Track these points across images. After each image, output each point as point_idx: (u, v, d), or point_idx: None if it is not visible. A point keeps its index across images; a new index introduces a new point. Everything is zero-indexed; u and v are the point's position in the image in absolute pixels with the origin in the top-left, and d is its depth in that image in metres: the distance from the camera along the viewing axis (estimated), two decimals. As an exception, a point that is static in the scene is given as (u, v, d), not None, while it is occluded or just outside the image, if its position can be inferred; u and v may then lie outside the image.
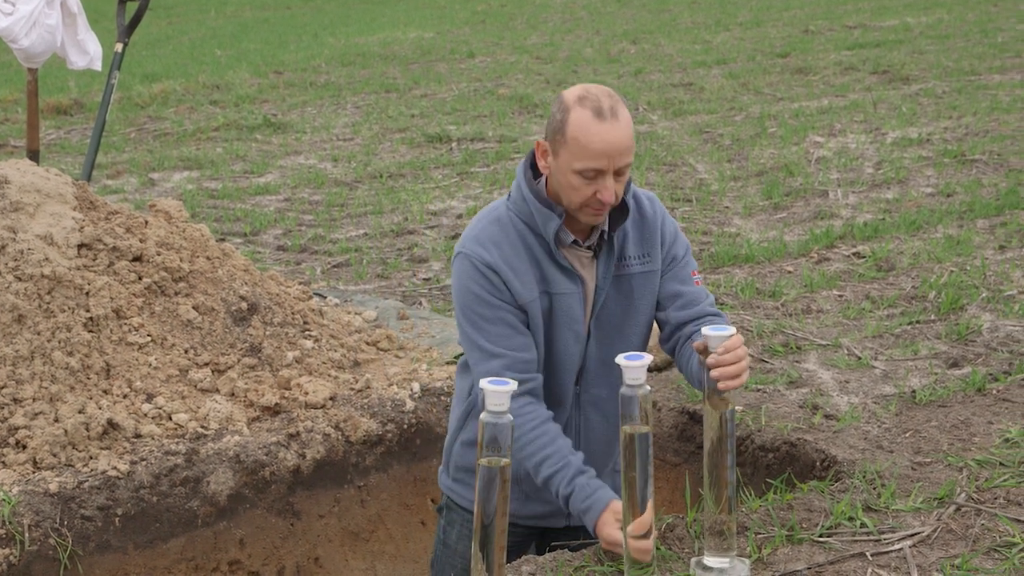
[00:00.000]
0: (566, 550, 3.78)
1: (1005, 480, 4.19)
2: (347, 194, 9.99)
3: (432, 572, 4.15)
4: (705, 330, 3.33)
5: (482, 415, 3.07)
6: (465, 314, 3.62)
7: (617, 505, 3.45)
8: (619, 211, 3.66)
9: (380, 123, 13.41)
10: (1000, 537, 3.78)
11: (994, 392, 5.08)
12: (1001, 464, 4.33)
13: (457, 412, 3.89)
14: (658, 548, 3.59)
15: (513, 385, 3.07)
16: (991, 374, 5.26)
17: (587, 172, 3.46)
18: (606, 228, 3.63)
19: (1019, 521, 3.89)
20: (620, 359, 3.21)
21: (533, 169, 3.66)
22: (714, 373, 3.32)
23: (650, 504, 3.35)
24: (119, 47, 8.31)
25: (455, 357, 5.83)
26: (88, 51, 7.90)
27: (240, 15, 29.00)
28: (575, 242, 3.62)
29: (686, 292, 3.78)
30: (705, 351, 3.36)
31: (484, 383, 3.07)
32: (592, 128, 3.44)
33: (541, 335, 3.65)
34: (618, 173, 3.51)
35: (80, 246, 5.31)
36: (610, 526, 3.46)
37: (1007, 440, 4.56)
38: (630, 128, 3.53)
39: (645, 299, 3.75)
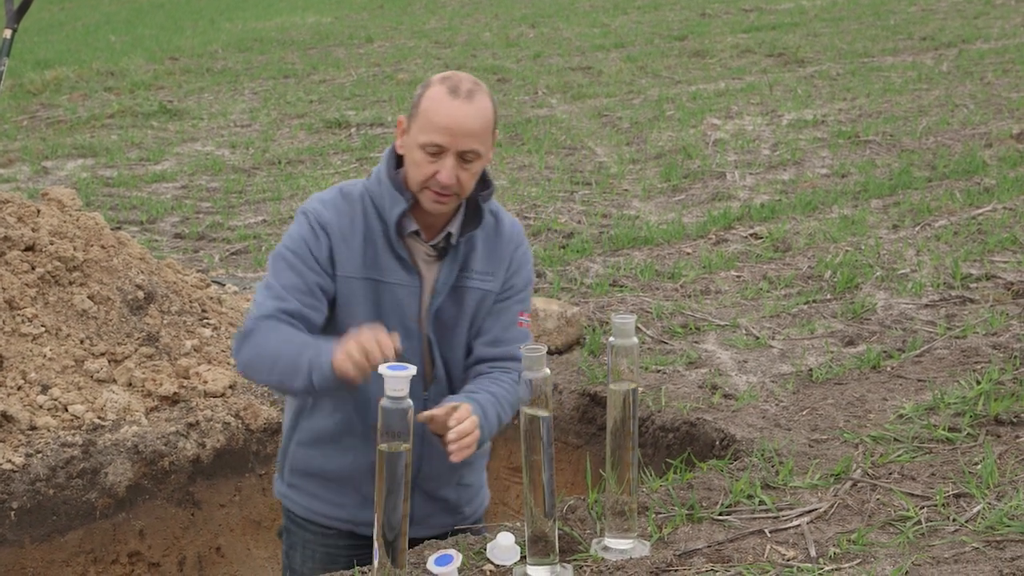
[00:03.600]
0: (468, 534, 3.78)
1: (899, 455, 4.26)
2: (245, 181, 9.90)
3: None
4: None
5: (382, 401, 3.05)
6: (275, 259, 3.55)
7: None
8: (472, 218, 3.62)
9: (278, 109, 13.30)
10: (895, 512, 3.85)
11: (888, 369, 5.17)
12: (895, 440, 4.41)
13: (289, 413, 3.78)
14: (560, 529, 3.61)
15: (412, 370, 3.05)
16: (885, 351, 5.35)
17: (429, 147, 3.42)
18: (455, 231, 3.58)
19: (913, 495, 3.95)
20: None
21: (399, 157, 3.60)
22: (452, 447, 3.32)
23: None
24: (8, 33, 8.13)
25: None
26: (-24, 37, 7.73)
27: (135, 0, 28.57)
28: (417, 233, 3.56)
29: (498, 327, 3.72)
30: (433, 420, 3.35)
31: (383, 368, 3.04)
32: (443, 102, 3.43)
33: (356, 322, 3.49)
34: (463, 158, 3.46)
35: (-30, 236, 5.21)
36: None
37: (901, 416, 4.63)
38: (484, 116, 3.49)
39: (475, 316, 3.69)
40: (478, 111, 3.47)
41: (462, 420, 3.36)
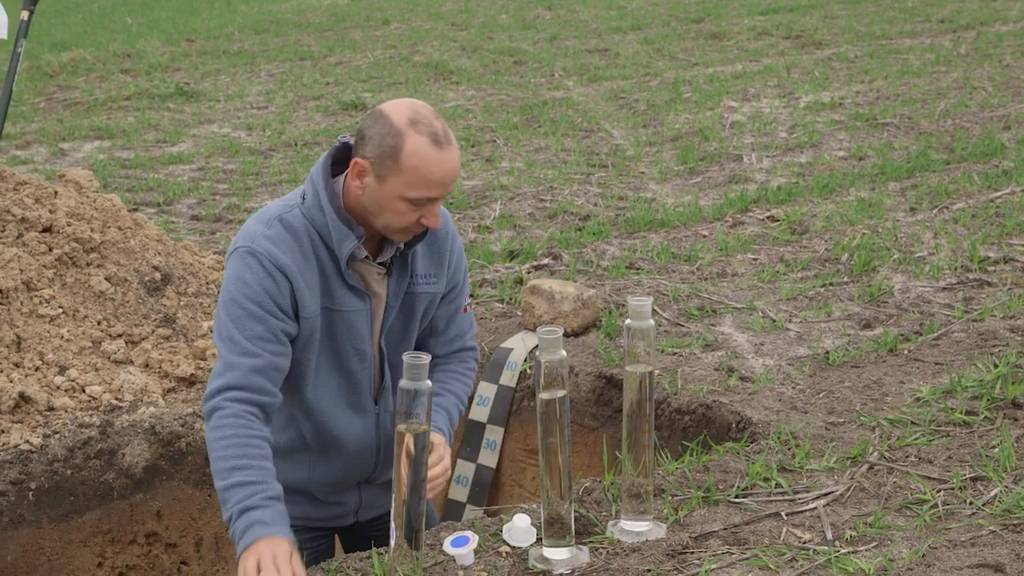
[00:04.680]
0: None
1: (916, 439, 4.25)
2: (262, 163, 9.90)
3: None
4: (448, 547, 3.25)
5: (401, 382, 3.06)
6: (229, 306, 3.34)
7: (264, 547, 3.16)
8: None
9: (294, 91, 13.30)
10: (911, 495, 3.84)
11: (905, 352, 5.15)
12: (912, 423, 4.40)
13: None
14: (576, 511, 3.61)
15: (427, 357, 3.05)
16: (902, 334, 5.33)
17: (420, 200, 3.30)
18: (402, 245, 3.50)
19: (930, 479, 3.95)
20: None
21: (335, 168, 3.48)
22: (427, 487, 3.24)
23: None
24: (25, 15, 8.14)
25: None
26: (-7, 19, 7.74)
27: (151, -18, 28.59)
28: (367, 258, 3.48)
29: (453, 326, 3.74)
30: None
31: (405, 356, 3.04)
32: (432, 157, 3.26)
33: (314, 352, 3.48)
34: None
35: (-12, 217, 5.23)
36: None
37: (918, 399, 4.62)
38: (459, 153, 3.39)
39: (424, 319, 3.67)
40: (457, 152, 3.35)
41: (435, 464, 3.33)
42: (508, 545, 3.54)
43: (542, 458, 3.37)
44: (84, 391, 4.95)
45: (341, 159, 3.47)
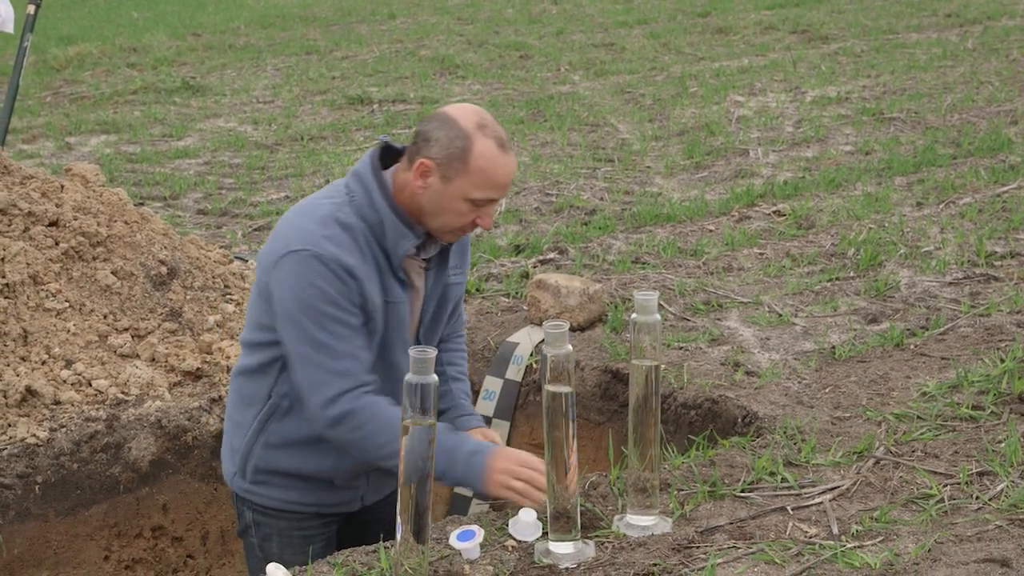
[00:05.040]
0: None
1: (922, 433, 4.25)
2: (268, 157, 9.91)
3: None
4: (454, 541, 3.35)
5: (407, 376, 3.06)
6: (309, 313, 3.45)
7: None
8: None
9: (300, 85, 13.30)
10: (917, 489, 3.84)
11: (912, 347, 5.15)
12: (919, 418, 4.39)
13: (250, 414, 3.75)
14: (582, 505, 3.61)
15: (434, 352, 3.06)
16: (909, 329, 5.33)
17: (482, 201, 3.47)
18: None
19: (936, 473, 3.95)
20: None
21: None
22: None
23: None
24: (32, 9, 8.16)
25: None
26: None
27: (157, -24, 28.59)
28: (415, 253, 3.63)
29: (459, 308, 3.94)
30: None
31: (412, 351, 3.04)
32: (499, 160, 3.44)
33: (376, 342, 3.61)
34: None
35: (-5, 211, 5.23)
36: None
37: (924, 394, 4.62)
38: None
39: (450, 309, 3.83)
40: (515, 157, 3.55)
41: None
42: (514, 539, 3.54)
43: (548, 452, 3.37)
44: (90, 385, 4.95)
45: (381, 158, 3.60)
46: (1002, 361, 4.81)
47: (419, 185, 3.48)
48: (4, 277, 5.03)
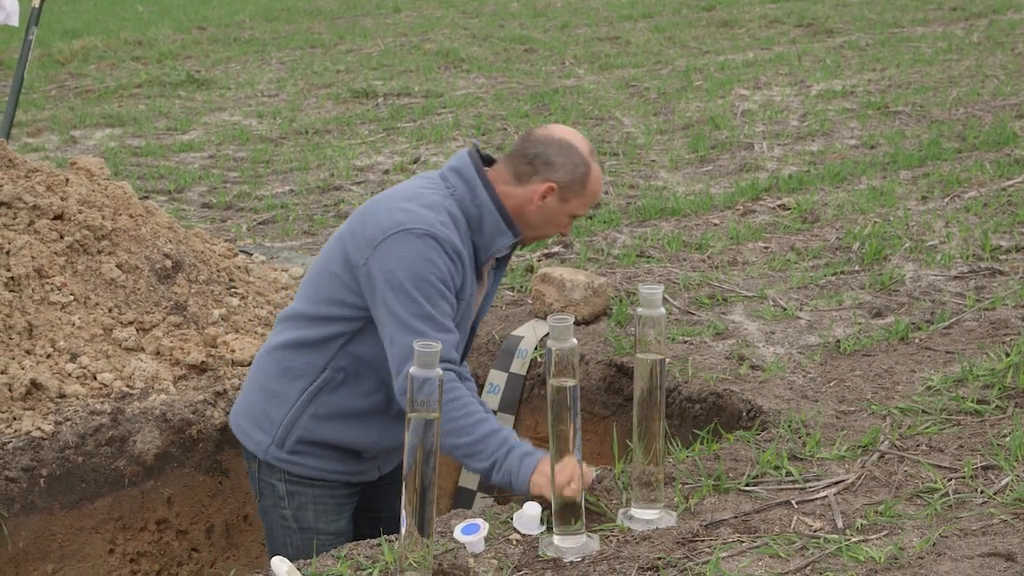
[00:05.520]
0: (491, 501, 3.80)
1: (927, 427, 4.25)
2: (272, 150, 9.91)
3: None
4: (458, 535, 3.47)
5: (412, 370, 3.06)
6: (420, 286, 3.63)
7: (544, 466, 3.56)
8: None
9: (305, 79, 13.29)
10: (922, 483, 3.84)
11: (917, 341, 5.14)
12: (923, 412, 4.39)
13: (298, 386, 3.91)
14: (587, 500, 3.61)
15: (439, 346, 3.07)
16: (914, 323, 5.32)
17: (581, 216, 4.03)
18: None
19: (941, 467, 3.95)
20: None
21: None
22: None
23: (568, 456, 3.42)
24: (36, 2, 8.16)
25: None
26: (4, 6, 7.75)
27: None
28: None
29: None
30: None
31: (417, 344, 3.06)
32: (600, 183, 3.93)
33: None
34: None
35: (-1, 205, 5.23)
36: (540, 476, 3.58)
37: (929, 388, 4.62)
38: None
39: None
40: None
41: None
42: (518, 533, 3.54)
43: (552, 446, 3.37)
44: (95, 378, 4.95)
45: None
46: (1007, 355, 4.81)
47: (538, 203, 3.83)
48: (9, 270, 5.03)
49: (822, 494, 3.79)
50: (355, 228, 3.80)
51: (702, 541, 3.51)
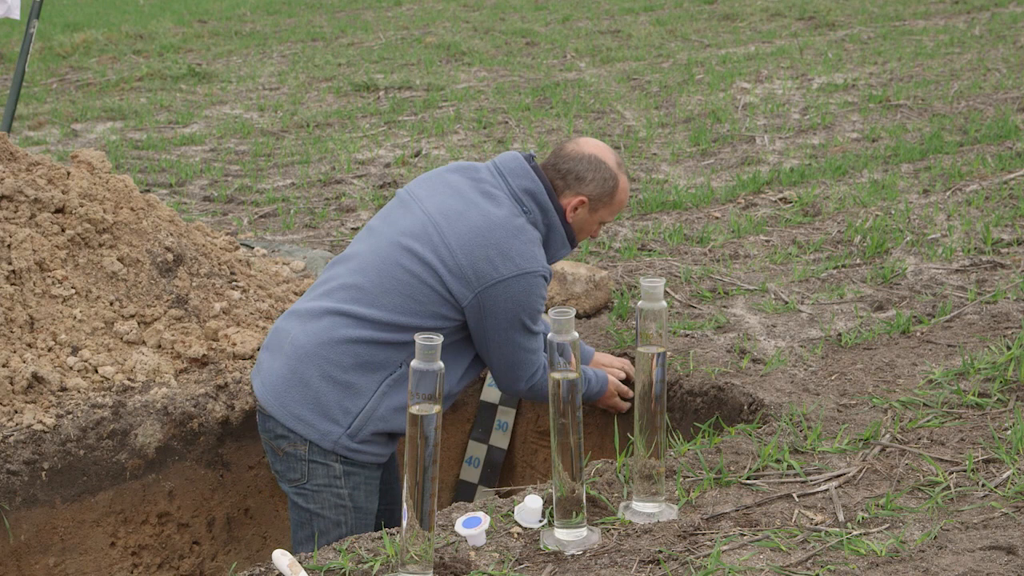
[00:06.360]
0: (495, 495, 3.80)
1: (928, 421, 4.25)
2: (274, 144, 9.90)
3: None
4: (459, 528, 3.53)
5: (413, 363, 3.07)
6: (531, 314, 4.18)
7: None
8: None
9: (306, 72, 13.29)
10: (923, 477, 3.84)
11: (918, 334, 5.15)
12: (925, 405, 4.39)
13: (375, 378, 4.14)
14: (588, 492, 3.62)
15: (440, 339, 3.11)
16: (915, 316, 5.32)
17: (608, 223, 4.60)
18: None
19: (942, 461, 3.95)
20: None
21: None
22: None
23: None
24: (38, -5, 8.16)
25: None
26: (5, 0, 7.75)
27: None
28: None
29: None
30: None
31: (418, 338, 3.08)
32: (627, 192, 4.39)
33: None
34: None
35: (0, 198, 5.23)
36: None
37: (931, 381, 4.62)
38: None
39: None
40: None
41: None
42: (520, 526, 3.55)
43: (554, 439, 3.37)
44: (97, 372, 4.96)
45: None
46: (1008, 348, 4.81)
47: (571, 215, 4.30)
48: (10, 264, 5.03)
49: (823, 487, 3.79)
50: (456, 250, 4.11)
51: (703, 534, 3.51)
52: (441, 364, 3.08)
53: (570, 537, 3.43)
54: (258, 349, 5.29)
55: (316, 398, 4.13)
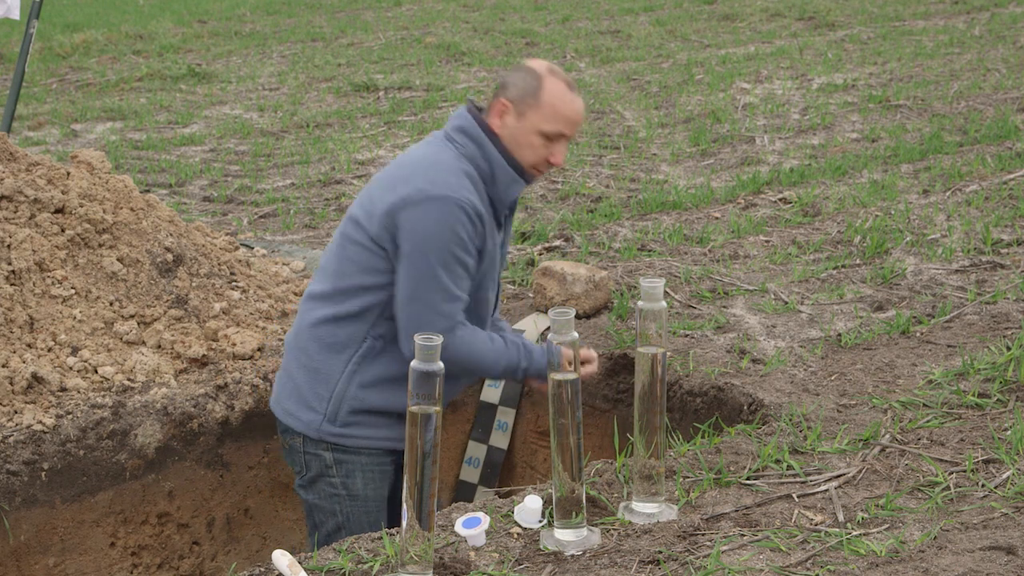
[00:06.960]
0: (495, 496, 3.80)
1: (928, 421, 4.25)
2: (273, 144, 9.90)
3: (328, 539, 4.17)
4: (459, 528, 3.50)
5: (413, 363, 3.06)
6: (440, 256, 3.83)
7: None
8: None
9: (306, 72, 13.29)
10: (923, 477, 3.84)
11: (918, 335, 5.14)
12: (924, 405, 4.39)
13: (342, 358, 4.07)
14: (588, 492, 3.62)
15: (440, 339, 3.08)
16: (915, 317, 5.32)
17: (552, 134, 3.92)
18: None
19: (942, 461, 3.94)
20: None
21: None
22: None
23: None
24: (37, -5, 8.16)
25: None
26: (5, 0, 7.75)
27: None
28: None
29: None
30: None
31: (418, 338, 3.07)
32: (567, 97, 3.93)
33: (473, 283, 4.01)
34: (567, 142, 4.02)
35: (0, 198, 5.22)
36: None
37: (930, 381, 4.61)
38: None
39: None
40: (583, 102, 4.04)
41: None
42: (519, 526, 3.55)
43: (554, 439, 3.37)
44: (96, 372, 4.96)
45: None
46: (1008, 349, 4.81)
47: (498, 125, 3.96)
48: (10, 264, 5.03)
49: (823, 488, 3.79)
50: (375, 196, 3.96)
51: (703, 535, 3.51)
52: (441, 364, 3.08)
53: (570, 537, 3.43)
54: (258, 349, 5.30)
55: (297, 389, 4.17)
